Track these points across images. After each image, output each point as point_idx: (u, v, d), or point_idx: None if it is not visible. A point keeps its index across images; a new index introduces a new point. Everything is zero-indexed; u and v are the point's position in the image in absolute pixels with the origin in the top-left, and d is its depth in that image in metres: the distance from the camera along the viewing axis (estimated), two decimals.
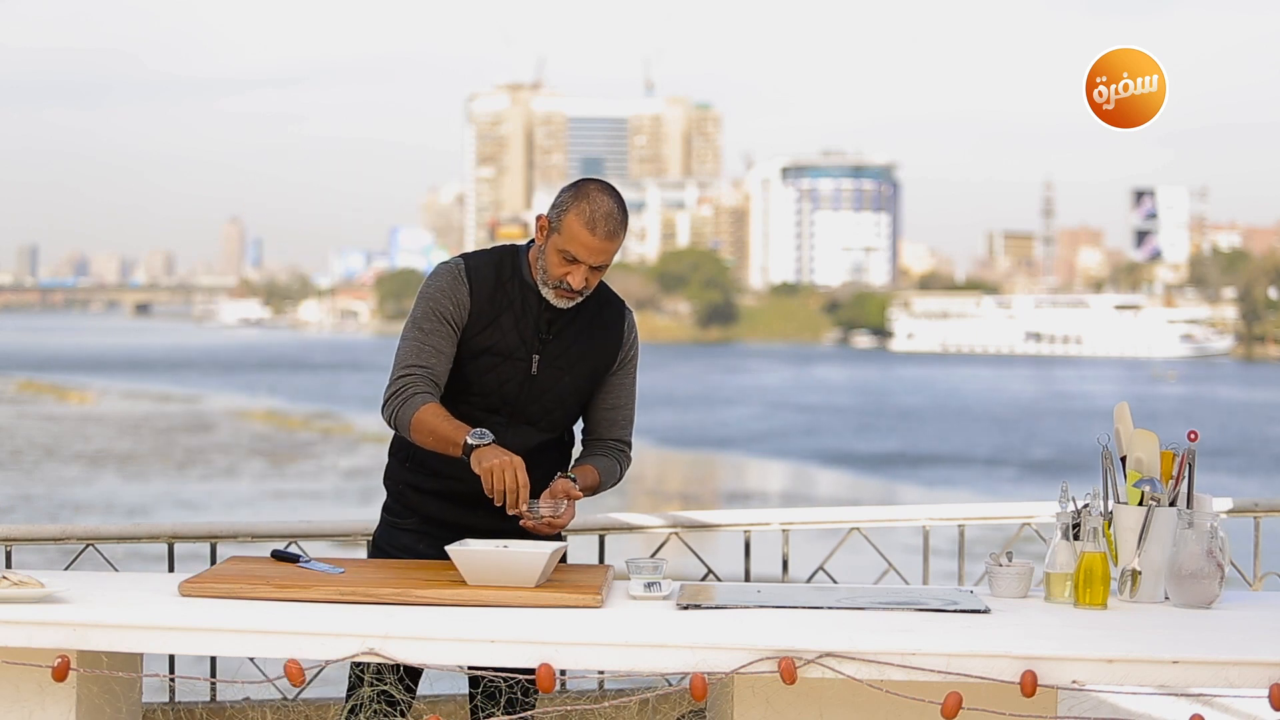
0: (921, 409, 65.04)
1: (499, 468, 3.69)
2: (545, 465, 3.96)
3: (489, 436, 3.76)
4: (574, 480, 3.89)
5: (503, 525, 3.90)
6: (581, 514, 5.21)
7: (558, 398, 3.97)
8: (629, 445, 4.12)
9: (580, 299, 3.90)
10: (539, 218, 3.92)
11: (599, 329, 4.00)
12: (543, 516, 3.79)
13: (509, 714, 3.71)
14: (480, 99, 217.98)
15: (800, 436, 52.14)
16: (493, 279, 3.93)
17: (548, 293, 3.89)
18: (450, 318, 3.91)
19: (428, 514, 4.02)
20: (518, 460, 3.72)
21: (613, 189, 3.90)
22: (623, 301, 4.08)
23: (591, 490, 4.00)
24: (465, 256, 3.99)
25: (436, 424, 3.81)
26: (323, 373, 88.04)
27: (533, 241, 3.98)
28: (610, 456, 4.08)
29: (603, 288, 4.04)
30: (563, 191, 3.90)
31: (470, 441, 3.75)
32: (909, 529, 5.46)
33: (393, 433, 4.02)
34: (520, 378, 3.93)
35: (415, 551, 3.99)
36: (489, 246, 4.07)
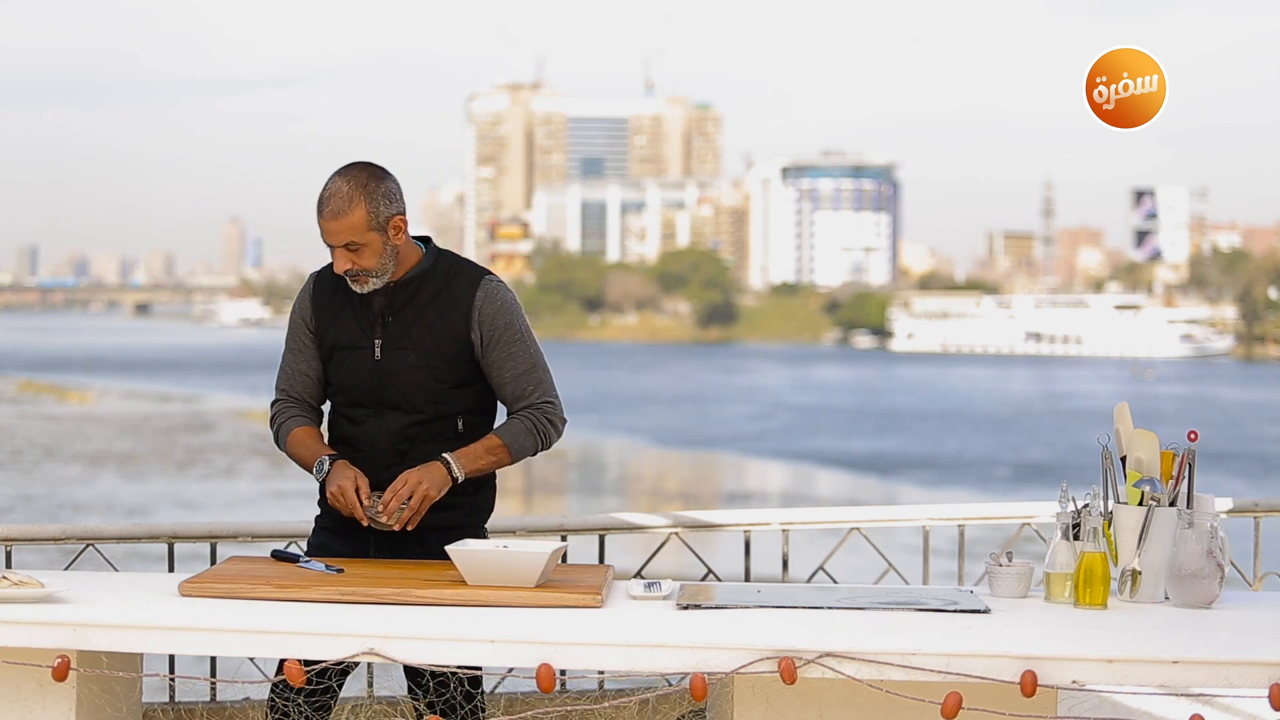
0: (920, 409, 65.04)
1: (334, 495, 3.92)
2: (434, 451, 4.01)
3: (325, 467, 3.99)
4: (450, 463, 3.95)
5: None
6: (581, 514, 5.22)
7: (409, 377, 4.00)
8: (547, 402, 4.06)
9: (373, 280, 3.99)
10: None
11: (442, 303, 4.02)
12: (381, 521, 3.91)
13: (450, 715, 3.81)
14: (480, 99, 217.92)
15: (800, 436, 52.15)
16: (334, 280, 4.09)
17: (354, 287, 4.02)
18: (302, 329, 4.14)
19: (340, 514, 4.08)
20: (350, 478, 3.92)
21: (355, 166, 4.01)
22: (482, 273, 4.07)
23: (491, 456, 4.00)
24: (318, 270, 4.16)
25: (298, 454, 4.11)
26: None
27: None
28: (521, 419, 4.05)
29: (452, 263, 4.08)
30: None
31: (317, 479, 4.02)
32: (909, 529, 5.47)
33: None
34: (368, 365, 4.02)
35: (329, 549, 4.06)
36: None
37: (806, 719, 3.42)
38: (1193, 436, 3.79)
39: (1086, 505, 3.77)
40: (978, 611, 3.56)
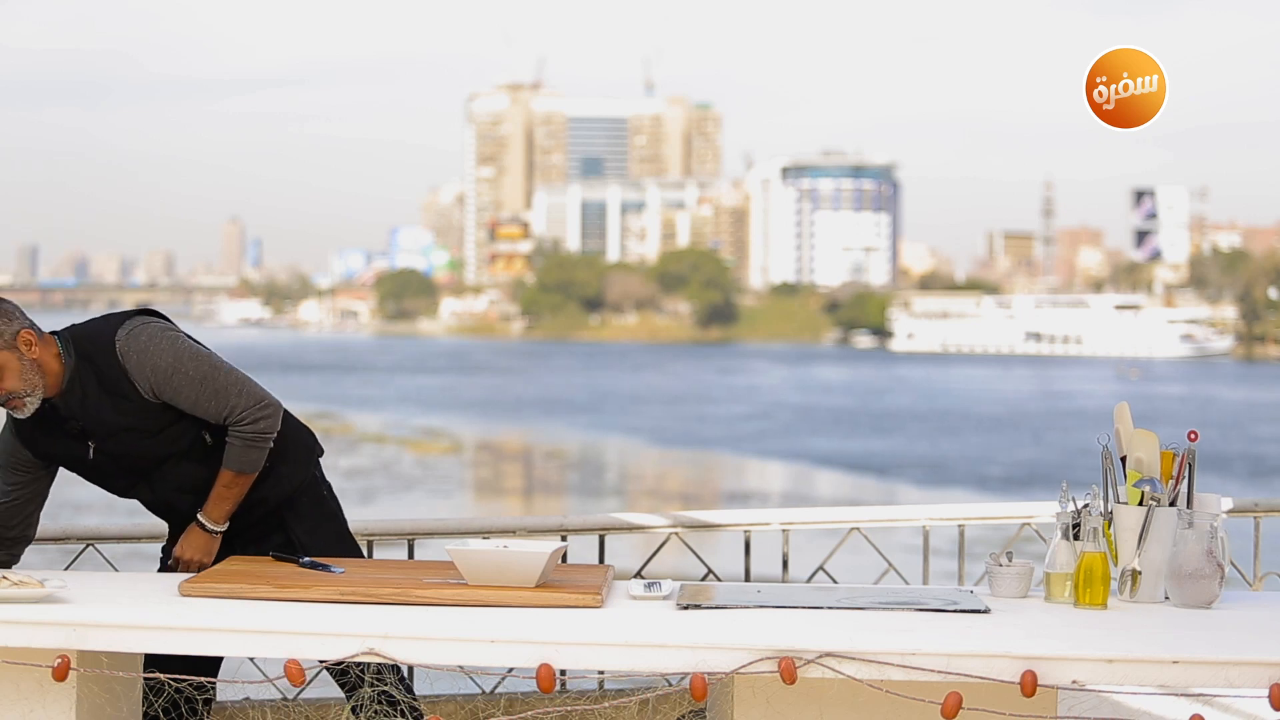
0: (920, 410, 65.03)
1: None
2: (211, 471, 4.13)
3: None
4: (204, 523, 4.11)
5: (257, 515, 4.18)
6: (582, 514, 5.23)
7: (137, 449, 4.08)
8: (235, 409, 4.06)
9: (28, 400, 3.99)
10: None
11: (106, 385, 4.03)
12: None
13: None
14: (480, 99, 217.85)
15: (799, 436, 52.14)
16: (32, 418, 4.07)
17: (13, 414, 4.06)
18: (20, 460, 4.13)
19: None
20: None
21: None
22: (112, 335, 4.05)
23: (233, 489, 4.10)
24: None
25: None
26: (322, 373, 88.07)
27: None
28: (234, 438, 4.08)
29: (88, 342, 4.07)
30: None
31: None
32: (909, 529, 5.46)
33: None
34: (99, 465, 4.09)
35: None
36: None
37: (806, 719, 3.42)
38: (1193, 436, 3.79)
39: (1086, 505, 3.77)
40: (978, 611, 3.56)
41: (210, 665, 3.91)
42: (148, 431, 4.04)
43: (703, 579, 5.00)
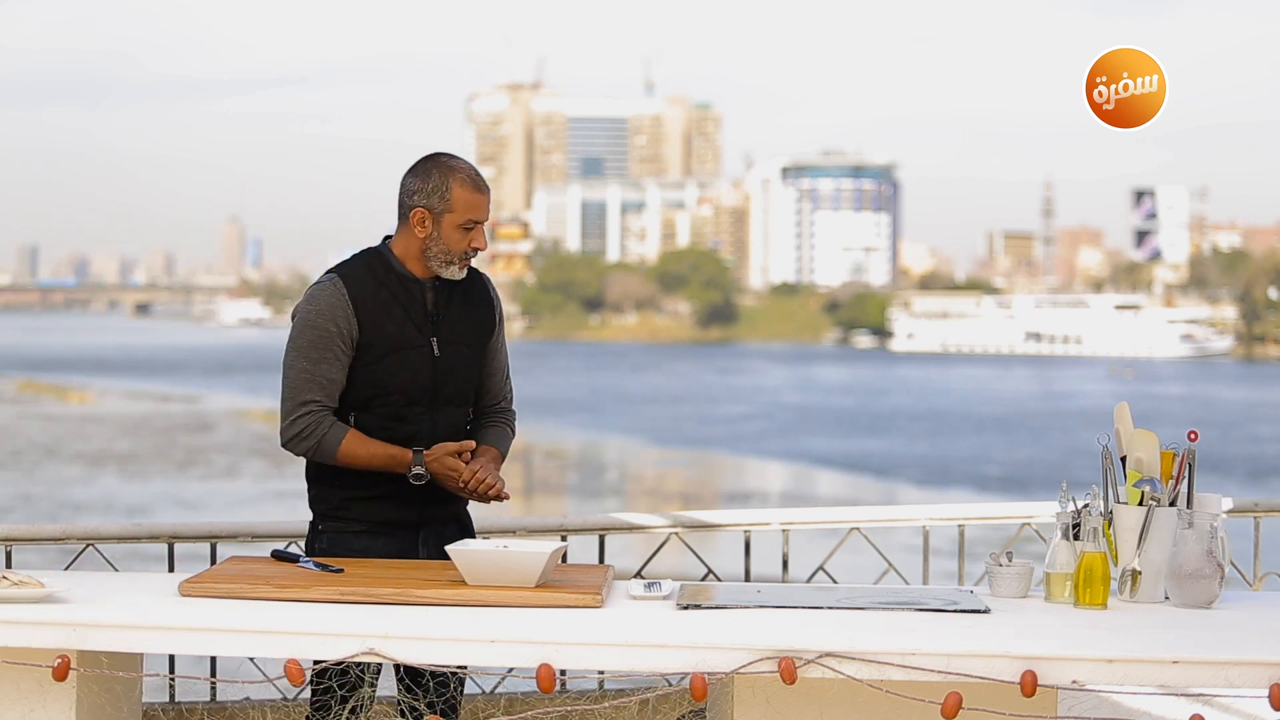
0: (920, 410, 65.02)
1: (450, 474, 3.98)
2: (464, 437, 4.14)
3: (422, 458, 3.98)
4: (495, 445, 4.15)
5: (448, 510, 4.08)
6: (582, 514, 5.23)
7: (465, 371, 4.11)
8: (509, 399, 4.28)
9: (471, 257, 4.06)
10: (414, 213, 4.00)
11: (476, 299, 4.14)
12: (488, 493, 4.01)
13: None
14: (480, 99, 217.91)
15: (799, 436, 52.14)
16: (371, 283, 4.04)
17: (452, 271, 4.03)
18: (338, 340, 4.00)
19: (379, 518, 4.06)
20: (454, 460, 3.98)
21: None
22: (477, 268, 4.20)
23: (497, 466, 4.16)
24: (339, 270, 4.07)
25: (368, 453, 4.00)
26: None
27: (388, 238, 4.09)
28: (500, 425, 4.22)
29: None
30: (421, 178, 4.01)
31: (415, 472, 3.99)
32: (909, 529, 5.47)
33: (305, 461, 4.13)
34: (428, 363, 4.04)
35: (373, 550, 4.03)
36: (352, 255, 4.14)
37: (806, 719, 3.42)
38: (1193, 436, 3.79)
39: (1086, 505, 3.77)
40: (978, 611, 3.56)
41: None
42: (474, 361, 4.11)
43: (703, 579, 5.00)
